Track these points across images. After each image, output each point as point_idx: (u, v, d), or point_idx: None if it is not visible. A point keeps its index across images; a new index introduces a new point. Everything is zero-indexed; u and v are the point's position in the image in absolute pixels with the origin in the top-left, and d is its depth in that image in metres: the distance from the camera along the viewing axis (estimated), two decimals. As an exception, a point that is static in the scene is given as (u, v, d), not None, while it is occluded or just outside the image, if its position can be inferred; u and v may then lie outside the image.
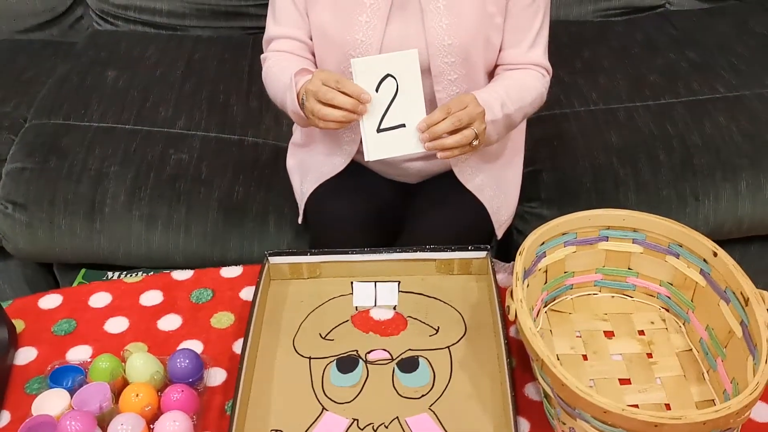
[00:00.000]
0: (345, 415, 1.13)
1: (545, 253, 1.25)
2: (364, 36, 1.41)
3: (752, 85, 2.04)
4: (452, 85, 1.45)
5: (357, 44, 1.42)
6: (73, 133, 1.93)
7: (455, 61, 1.42)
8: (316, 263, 1.36)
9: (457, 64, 1.43)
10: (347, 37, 1.42)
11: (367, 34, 1.41)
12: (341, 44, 1.43)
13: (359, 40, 1.42)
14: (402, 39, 1.42)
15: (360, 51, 1.42)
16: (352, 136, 1.54)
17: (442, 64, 1.43)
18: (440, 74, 1.44)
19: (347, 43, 1.42)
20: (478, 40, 1.42)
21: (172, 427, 1.07)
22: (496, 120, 1.40)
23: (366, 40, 1.42)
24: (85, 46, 2.35)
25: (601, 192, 1.79)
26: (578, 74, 2.12)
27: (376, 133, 1.32)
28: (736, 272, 1.11)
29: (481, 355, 1.22)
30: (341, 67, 1.45)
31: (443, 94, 1.46)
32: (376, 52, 1.42)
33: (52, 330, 1.32)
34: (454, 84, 1.45)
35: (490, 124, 1.38)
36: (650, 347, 1.23)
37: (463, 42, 1.41)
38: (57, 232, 1.78)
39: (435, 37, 1.41)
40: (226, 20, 2.44)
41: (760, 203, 1.79)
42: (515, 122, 1.48)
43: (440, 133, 1.30)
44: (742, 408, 0.92)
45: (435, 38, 1.41)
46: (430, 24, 1.40)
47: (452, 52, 1.42)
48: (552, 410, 1.08)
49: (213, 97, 2.10)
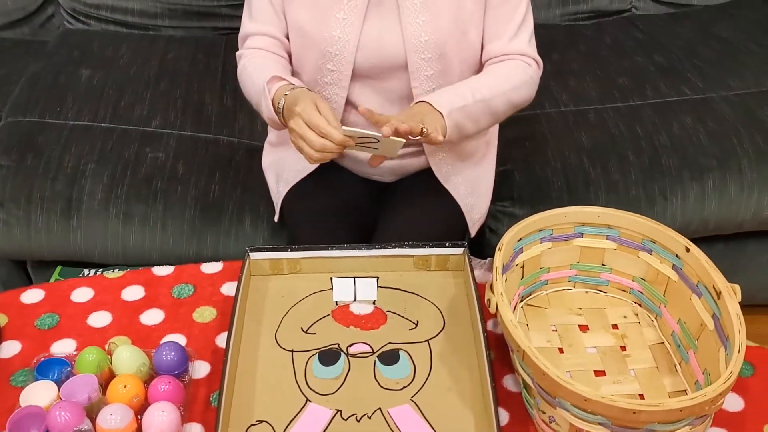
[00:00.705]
0: (328, 407, 1.15)
1: (522, 249, 1.28)
2: (342, 33, 1.44)
3: (718, 87, 2.10)
4: (428, 81, 1.48)
5: (334, 41, 1.44)
6: (49, 131, 1.93)
7: (432, 57, 1.45)
8: (296, 259, 1.38)
9: (433, 60, 1.46)
10: (325, 34, 1.44)
11: (344, 31, 1.44)
12: (319, 41, 1.45)
13: (336, 36, 1.44)
14: (379, 35, 1.45)
15: (337, 47, 1.44)
16: None
17: (418, 60, 1.45)
18: (417, 70, 1.46)
19: (325, 39, 1.44)
20: (454, 36, 1.45)
21: (161, 417, 1.09)
22: (465, 105, 1.40)
23: (343, 37, 1.44)
24: (57, 44, 2.34)
25: (572, 191, 1.83)
26: (548, 77, 2.13)
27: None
28: (708, 267, 1.15)
29: (460, 348, 1.25)
30: (319, 63, 1.47)
31: (420, 90, 1.48)
32: (353, 49, 1.44)
33: (35, 324, 1.32)
34: (430, 80, 1.48)
35: (459, 111, 1.40)
36: (624, 340, 1.27)
37: (439, 38, 1.44)
38: (33, 230, 1.78)
39: (412, 33, 1.43)
40: (198, 20, 2.44)
41: (725, 203, 1.84)
42: (498, 109, 1.48)
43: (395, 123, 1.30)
44: (717, 396, 0.96)
45: (412, 35, 1.43)
46: (406, 20, 1.43)
47: (429, 48, 1.44)
48: (531, 400, 1.11)
49: (188, 96, 2.11)
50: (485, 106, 1.45)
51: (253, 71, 1.48)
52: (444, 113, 1.38)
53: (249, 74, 1.49)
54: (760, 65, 2.19)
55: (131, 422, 1.09)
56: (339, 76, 1.47)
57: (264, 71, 1.44)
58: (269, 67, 1.46)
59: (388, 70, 1.48)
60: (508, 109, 1.51)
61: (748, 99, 2.05)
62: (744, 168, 1.85)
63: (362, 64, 1.46)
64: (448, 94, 1.42)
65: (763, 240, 2.03)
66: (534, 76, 1.53)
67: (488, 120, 1.49)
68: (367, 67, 1.47)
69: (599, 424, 1.00)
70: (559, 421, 1.05)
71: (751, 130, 1.93)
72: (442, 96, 1.41)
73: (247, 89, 1.51)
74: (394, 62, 1.46)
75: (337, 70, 1.46)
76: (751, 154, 1.87)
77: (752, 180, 1.85)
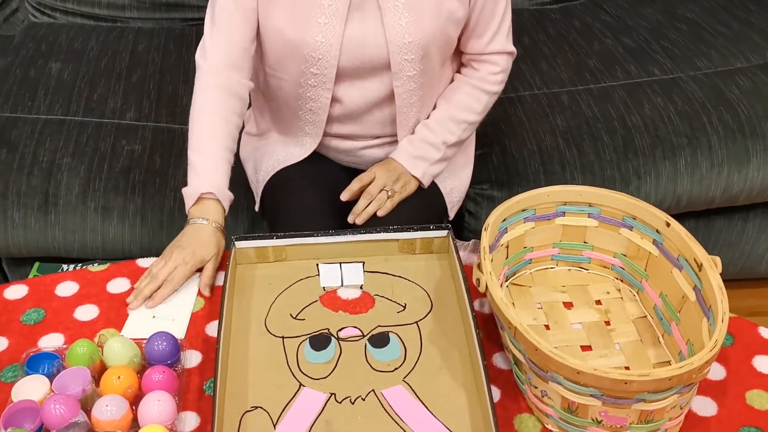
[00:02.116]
0: (322, 390, 1.16)
1: (507, 229, 1.30)
2: (324, 37, 1.43)
3: (686, 68, 2.14)
4: (410, 81, 1.49)
5: (317, 45, 1.43)
6: (22, 126, 1.91)
7: (414, 57, 1.46)
8: (282, 247, 1.39)
9: (416, 61, 1.47)
10: (307, 39, 1.43)
11: (326, 35, 1.43)
12: (301, 46, 1.44)
13: (318, 41, 1.43)
14: (361, 39, 1.44)
15: (320, 52, 1.44)
16: (315, 130, 1.57)
17: (402, 62, 1.46)
18: (400, 71, 1.47)
19: (307, 44, 1.44)
20: (436, 37, 1.46)
21: (157, 407, 1.09)
22: (439, 159, 1.59)
23: (325, 41, 1.43)
24: (23, 39, 2.32)
25: (549, 173, 1.86)
26: (520, 61, 2.18)
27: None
28: (689, 240, 1.18)
29: (449, 329, 1.27)
30: (302, 68, 1.47)
31: (401, 90, 1.50)
32: (336, 52, 1.44)
33: (20, 320, 1.32)
34: (412, 80, 1.49)
35: (433, 165, 1.59)
36: (607, 315, 1.30)
37: (422, 39, 1.44)
38: (11, 226, 1.76)
39: (395, 35, 1.43)
40: (167, 11, 2.43)
41: (697, 180, 1.88)
42: (464, 138, 1.63)
43: (361, 210, 1.53)
44: (704, 363, 0.99)
45: (395, 36, 1.43)
46: (389, 22, 1.43)
47: (412, 50, 1.45)
48: (523, 376, 1.14)
49: (161, 88, 2.10)
50: (454, 146, 1.62)
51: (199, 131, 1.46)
52: (418, 176, 1.58)
53: (197, 122, 1.47)
54: (726, 45, 2.23)
55: (127, 413, 1.09)
56: (323, 79, 1.47)
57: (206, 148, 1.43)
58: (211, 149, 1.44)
59: (372, 71, 1.48)
60: (473, 131, 1.68)
61: (716, 78, 2.09)
62: (714, 145, 1.89)
63: (345, 66, 1.46)
64: (421, 162, 1.58)
65: (732, 216, 2.08)
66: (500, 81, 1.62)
67: (456, 151, 1.65)
68: (351, 68, 1.47)
69: (591, 395, 1.02)
70: (551, 395, 1.08)
71: (720, 108, 1.97)
72: (415, 164, 1.58)
73: (189, 134, 1.47)
74: (377, 63, 1.47)
75: (320, 73, 1.47)
76: (720, 132, 1.91)
77: (722, 157, 1.89)
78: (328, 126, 1.58)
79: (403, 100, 1.51)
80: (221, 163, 1.44)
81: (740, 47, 2.21)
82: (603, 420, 1.05)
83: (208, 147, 1.44)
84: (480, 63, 1.58)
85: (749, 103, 1.98)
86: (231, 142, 1.46)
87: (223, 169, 1.44)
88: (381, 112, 1.55)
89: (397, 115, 1.54)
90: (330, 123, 1.58)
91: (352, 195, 1.55)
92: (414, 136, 1.58)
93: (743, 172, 1.89)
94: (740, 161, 1.89)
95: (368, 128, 1.57)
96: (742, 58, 2.17)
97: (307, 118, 1.56)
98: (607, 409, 1.04)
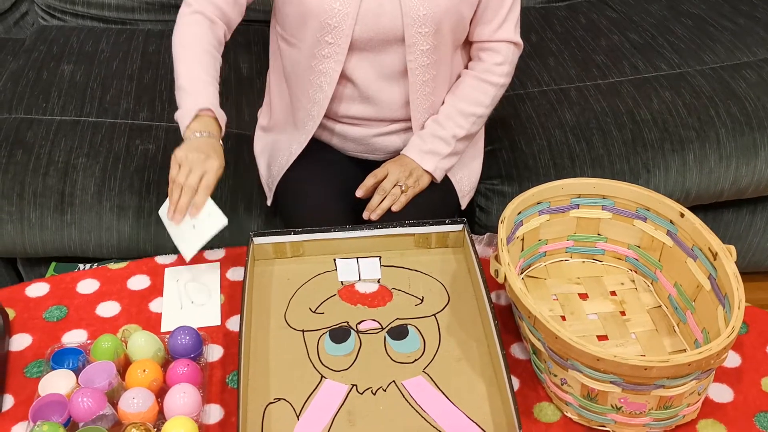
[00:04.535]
0: (344, 382, 1.19)
1: (522, 221, 1.32)
2: (341, 5, 1.45)
3: (692, 62, 2.15)
4: (423, 56, 1.51)
5: (334, 13, 1.46)
6: (37, 127, 1.93)
7: (428, 31, 1.48)
8: (300, 242, 1.41)
9: (429, 35, 1.49)
10: (324, 6, 1.45)
11: (343, 4, 1.45)
12: (318, 12, 1.46)
13: (336, 9, 1.45)
14: (378, 8, 1.46)
15: (336, 20, 1.46)
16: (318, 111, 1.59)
17: (415, 34, 1.48)
18: (413, 44, 1.49)
19: (324, 11, 1.46)
20: (450, 12, 1.48)
21: (182, 399, 1.11)
22: (449, 154, 1.60)
23: (343, 9, 1.45)
24: (34, 41, 2.33)
25: (559, 168, 1.87)
26: (529, 58, 2.20)
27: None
28: (703, 230, 1.20)
29: (466, 320, 1.29)
30: (317, 36, 1.49)
31: (414, 64, 1.52)
32: (352, 21, 1.46)
33: (43, 317, 1.34)
34: (424, 55, 1.51)
35: (444, 159, 1.60)
36: (623, 306, 1.32)
37: (437, 12, 1.46)
38: (27, 226, 1.78)
39: (410, 7, 1.46)
40: (175, 13, 2.41)
41: (706, 173, 1.90)
42: (474, 131, 1.64)
43: (375, 206, 1.56)
44: (722, 349, 1.01)
45: (410, 8, 1.46)
46: None
47: (426, 23, 1.47)
48: (542, 365, 1.15)
49: (173, 88, 2.10)
50: (464, 140, 1.62)
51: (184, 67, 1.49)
52: (430, 170, 1.60)
53: (180, 53, 1.51)
54: (731, 39, 2.24)
55: (153, 405, 1.12)
56: (336, 49, 1.49)
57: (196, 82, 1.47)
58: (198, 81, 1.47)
59: (385, 43, 1.50)
60: (482, 125, 1.67)
61: (722, 72, 2.10)
62: (722, 138, 1.91)
63: (360, 36, 1.48)
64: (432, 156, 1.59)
65: (740, 209, 2.10)
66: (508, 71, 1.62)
67: (467, 144, 1.66)
68: (365, 39, 1.49)
69: (611, 382, 1.04)
70: (570, 383, 1.09)
71: (727, 101, 1.98)
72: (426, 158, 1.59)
73: (176, 60, 1.51)
74: (391, 35, 1.49)
75: (335, 42, 1.48)
76: (728, 125, 1.93)
77: (730, 150, 1.90)
78: (339, 108, 1.60)
79: (416, 77, 1.53)
80: (212, 88, 1.48)
81: (746, 41, 2.23)
82: (623, 406, 1.07)
83: (197, 74, 1.47)
84: (485, 52, 1.60)
85: (756, 96, 1.99)
86: (216, 74, 1.51)
87: (215, 93, 1.48)
88: (393, 90, 1.57)
89: (410, 93, 1.55)
90: (341, 104, 1.60)
91: (367, 191, 1.57)
92: (424, 132, 1.60)
93: (751, 165, 1.91)
94: (748, 154, 1.90)
95: (381, 110, 1.58)
96: (747, 52, 2.18)
97: (315, 98, 1.57)
98: (627, 396, 1.05)
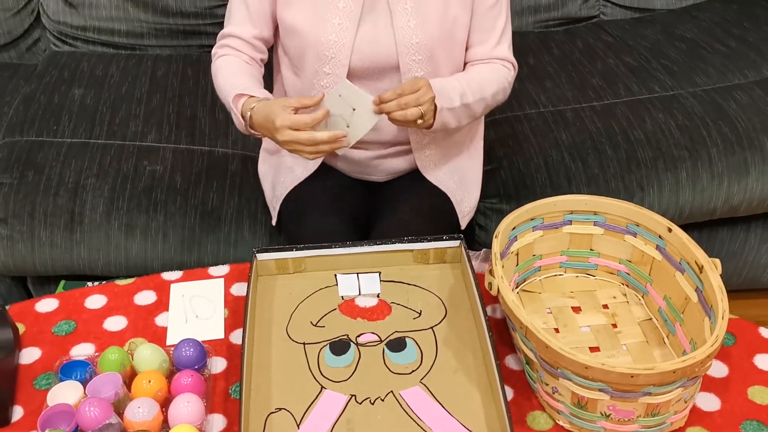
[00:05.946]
0: (343, 392, 1.22)
1: (516, 237, 1.36)
2: (337, 37, 1.52)
3: (685, 85, 2.20)
4: None
5: (330, 44, 1.52)
6: (48, 149, 1.98)
7: (422, 58, 1.54)
8: (301, 258, 1.45)
9: (423, 62, 1.54)
10: (321, 38, 1.52)
11: (339, 35, 1.52)
12: (315, 44, 1.53)
13: (332, 40, 1.52)
14: (373, 39, 1.53)
15: (333, 51, 1.52)
16: None
17: (410, 62, 1.54)
18: (408, 71, 1.55)
19: (321, 43, 1.53)
20: (442, 39, 1.54)
21: (186, 408, 1.15)
22: (453, 108, 1.52)
23: (339, 41, 1.52)
24: (46, 66, 2.40)
25: (555, 186, 1.92)
26: (526, 80, 2.25)
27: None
28: (690, 244, 1.24)
29: (463, 333, 1.33)
30: (316, 66, 1.55)
31: None
32: (348, 52, 1.52)
33: (52, 331, 1.38)
34: None
35: (448, 111, 1.51)
36: (614, 319, 1.35)
37: (429, 40, 1.53)
38: (38, 244, 1.83)
39: (403, 36, 1.52)
40: (184, 39, 2.51)
41: (698, 191, 1.94)
42: (476, 113, 1.60)
43: (388, 110, 1.43)
44: (706, 357, 1.05)
45: (403, 37, 1.52)
46: (398, 24, 1.52)
47: (419, 50, 1.53)
48: (534, 374, 1.19)
49: (180, 111, 2.17)
50: (468, 109, 1.56)
51: (223, 81, 1.58)
52: (438, 105, 1.48)
53: (219, 83, 1.59)
54: (723, 62, 2.30)
55: (158, 414, 1.16)
56: (335, 79, 1.54)
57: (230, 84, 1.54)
58: (236, 82, 1.55)
59: (381, 71, 1.56)
60: (485, 110, 1.65)
61: (714, 94, 2.15)
62: (714, 158, 1.95)
63: (357, 66, 1.54)
64: (442, 97, 1.50)
65: (734, 227, 2.13)
66: (510, 80, 1.66)
67: (468, 120, 1.61)
68: (362, 68, 1.55)
69: (599, 390, 1.08)
70: (561, 391, 1.13)
71: (719, 122, 2.03)
72: (440, 95, 1.49)
73: (220, 93, 1.60)
74: (386, 64, 1.55)
75: (332, 72, 1.54)
76: (720, 144, 1.97)
77: (722, 168, 1.95)
78: None
79: None
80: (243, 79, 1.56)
81: (737, 64, 2.28)
82: (612, 414, 1.11)
83: (242, 81, 1.55)
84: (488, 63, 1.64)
85: (747, 117, 2.04)
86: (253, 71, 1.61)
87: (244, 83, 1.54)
88: None
89: None
90: None
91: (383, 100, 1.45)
92: (436, 80, 1.54)
93: (743, 183, 1.95)
94: (740, 172, 1.95)
95: (380, 134, 1.63)
96: (739, 75, 2.23)
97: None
98: (615, 403, 1.09)
